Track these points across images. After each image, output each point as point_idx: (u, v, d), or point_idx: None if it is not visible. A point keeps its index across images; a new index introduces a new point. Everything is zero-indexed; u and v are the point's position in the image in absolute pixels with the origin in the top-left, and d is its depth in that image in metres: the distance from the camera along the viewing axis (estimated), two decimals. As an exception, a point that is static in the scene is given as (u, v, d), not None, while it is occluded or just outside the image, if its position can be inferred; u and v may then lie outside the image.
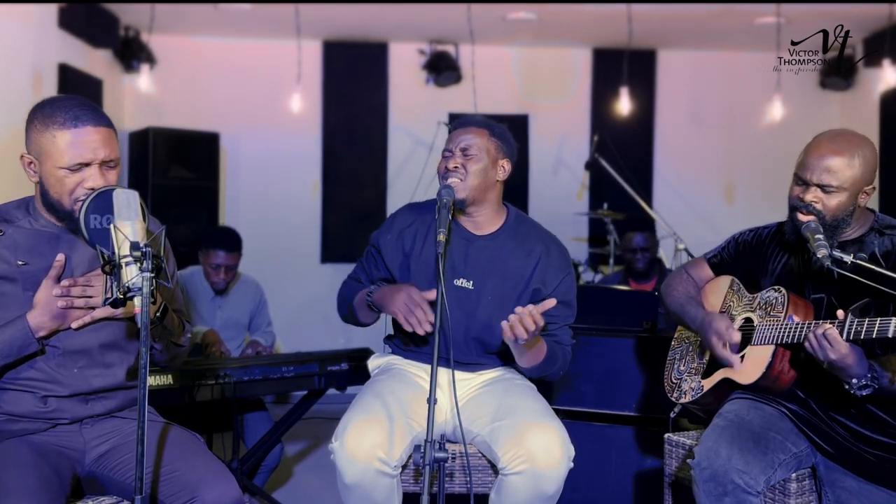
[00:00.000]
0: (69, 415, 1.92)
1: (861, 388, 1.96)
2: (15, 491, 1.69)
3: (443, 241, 2.03)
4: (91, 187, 1.82)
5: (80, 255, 1.92)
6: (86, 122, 1.83)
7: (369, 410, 2.12)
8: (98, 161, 1.83)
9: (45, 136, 1.83)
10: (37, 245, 1.90)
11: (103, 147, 1.84)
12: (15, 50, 4.19)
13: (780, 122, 5.41)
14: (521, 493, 2.05)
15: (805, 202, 2.10)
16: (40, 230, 1.92)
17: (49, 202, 1.88)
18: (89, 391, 1.94)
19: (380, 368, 2.46)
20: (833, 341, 1.93)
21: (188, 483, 1.82)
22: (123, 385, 2.00)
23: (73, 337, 1.90)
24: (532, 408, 2.18)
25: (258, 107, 5.80)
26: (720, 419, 2.18)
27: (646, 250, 4.29)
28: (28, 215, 1.94)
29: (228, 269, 3.75)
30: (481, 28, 5.39)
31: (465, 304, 2.28)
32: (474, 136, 2.31)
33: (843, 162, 2.06)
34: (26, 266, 1.87)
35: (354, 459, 2.01)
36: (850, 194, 2.08)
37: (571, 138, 5.98)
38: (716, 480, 2.04)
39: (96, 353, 1.94)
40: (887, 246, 2.11)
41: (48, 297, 1.83)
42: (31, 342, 1.83)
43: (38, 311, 1.83)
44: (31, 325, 1.82)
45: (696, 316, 2.34)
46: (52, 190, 1.85)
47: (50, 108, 1.85)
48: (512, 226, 2.37)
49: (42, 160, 1.85)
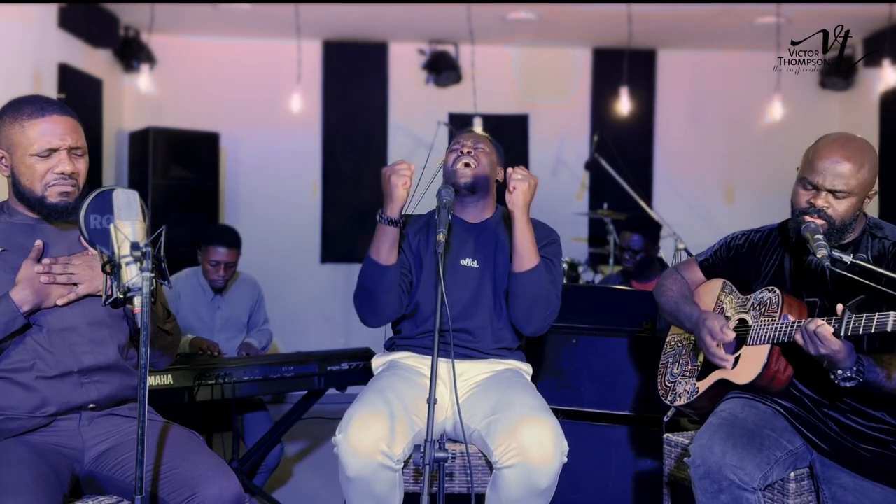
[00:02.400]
0: (63, 399, 1.92)
1: (845, 380, 1.98)
2: (13, 489, 1.69)
3: (443, 240, 2.05)
4: (61, 172, 1.91)
5: (58, 244, 1.98)
6: (52, 112, 1.93)
7: (373, 405, 2.13)
8: (66, 147, 1.93)
9: (14, 127, 1.92)
10: (13, 235, 1.97)
11: (70, 134, 1.94)
12: (15, 50, 4.20)
13: (779, 122, 5.41)
14: (514, 487, 2.06)
15: (816, 207, 2.10)
16: (16, 223, 1.98)
17: (20, 191, 1.95)
18: (80, 369, 1.94)
19: (383, 366, 2.48)
20: (823, 338, 1.94)
21: (188, 480, 1.83)
22: (118, 364, 2.00)
23: (58, 315, 1.93)
24: (527, 403, 2.19)
25: (258, 107, 5.81)
26: (714, 418, 2.19)
27: (637, 252, 4.22)
28: (2, 213, 2.01)
29: (227, 266, 3.72)
30: (481, 28, 5.40)
31: (471, 282, 2.41)
32: (482, 139, 2.54)
33: (854, 168, 2.07)
34: (5, 252, 1.93)
35: (357, 453, 2.03)
36: (859, 199, 2.10)
37: (571, 138, 5.99)
38: (710, 477, 2.05)
39: (84, 330, 1.96)
40: (879, 248, 2.13)
41: (30, 274, 1.90)
42: (16, 317, 1.87)
43: (20, 287, 1.89)
44: (15, 300, 1.87)
45: (690, 314, 2.35)
46: (24, 178, 1.93)
47: (17, 103, 1.96)
48: (501, 215, 2.55)
49: (13, 151, 1.93)
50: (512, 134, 5.87)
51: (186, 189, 5.26)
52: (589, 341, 3.15)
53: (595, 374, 3.13)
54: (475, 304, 2.40)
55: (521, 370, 2.46)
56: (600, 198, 5.50)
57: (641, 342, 3.10)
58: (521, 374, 2.44)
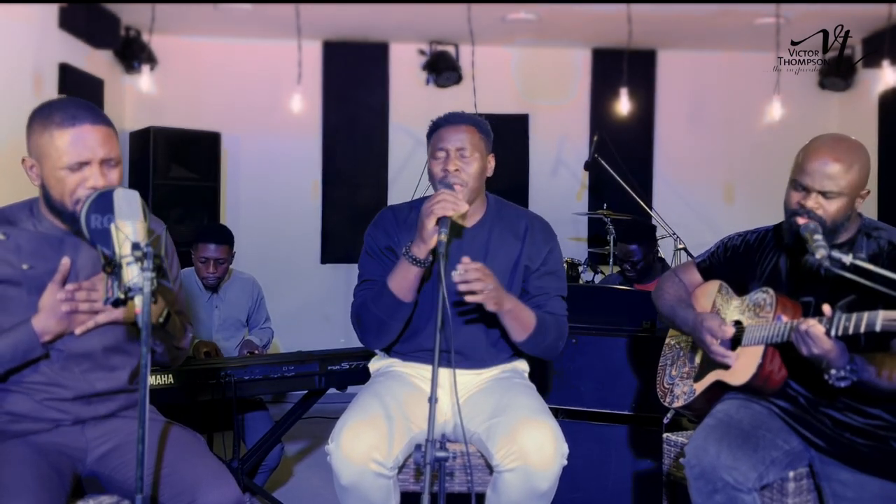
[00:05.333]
0: (72, 416, 1.93)
1: (839, 380, 1.99)
2: (15, 490, 1.69)
3: (444, 240, 2.04)
4: (92, 186, 1.81)
5: (85, 259, 1.92)
6: (83, 121, 1.82)
7: (366, 412, 2.12)
8: (97, 159, 1.83)
9: (44, 137, 1.82)
10: (41, 249, 1.89)
11: (102, 145, 1.83)
12: (16, 50, 4.20)
13: (779, 123, 5.41)
14: (514, 490, 2.06)
15: (806, 208, 2.11)
16: (44, 233, 1.91)
17: (52, 204, 1.87)
18: (92, 394, 1.94)
19: (380, 371, 2.47)
20: (815, 338, 1.95)
21: (188, 485, 1.83)
22: (126, 388, 2.01)
23: (76, 340, 1.90)
24: (527, 405, 2.19)
25: (259, 107, 5.81)
26: (710, 418, 2.20)
27: (637, 262, 4.25)
28: (32, 217, 1.93)
29: (218, 262, 3.70)
30: (481, 28, 5.40)
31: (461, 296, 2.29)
32: (466, 134, 2.29)
33: (843, 168, 2.08)
34: (31, 270, 1.87)
35: (350, 461, 2.02)
36: (850, 199, 2.11)
37: (571, 138, 5.99)
38: (705, 478, 2.06)
39: (100, 357, 1.94)
40: (874, 248, 2.14)
41: (53, 302, 1.83)
42: (35, 346, 1.84)
43: (42, 315, 1.83)
44: (37, 329, 1.83)
45: (687, 317, 2.36)
46: (54, 191, 1.85)
47: (48, 109, 1.85)
48: (494, 211, 2.40)
49: (42, 162, 1.84)
50: (512, 134, 5.88)
51: (187, 189, 5.26)
52: (589, 341, 3.16)
53: (595, 374, 3.14)
54: (467, 323, 2.31)
55: (519, 370, 2.46)
56: (600, 198, 5.50)
57: (641, 342, 3.11)
58: (520, 374, 2.44)
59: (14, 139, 1.96)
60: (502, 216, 2.39)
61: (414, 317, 2.33)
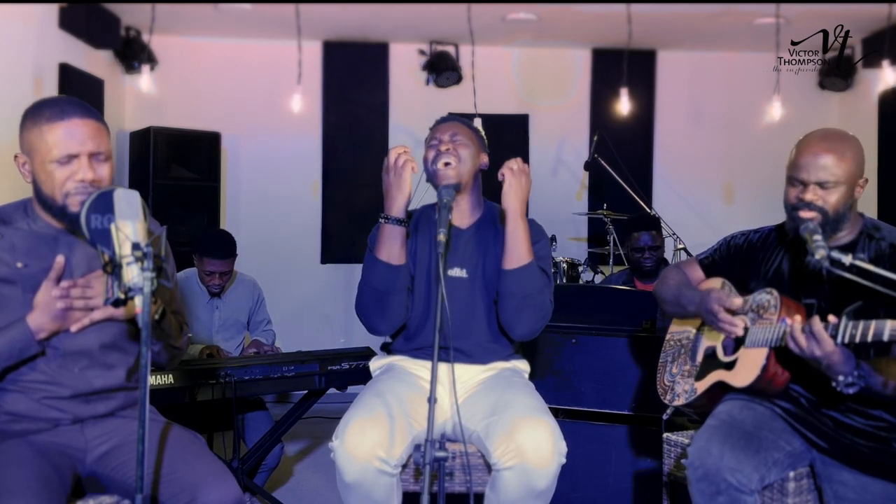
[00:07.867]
0: (70, 415, 1.93)
1: (847, 386, 1.97)
2: (16, 490, 1.69)
3: (443, 241, 2.03)
4: (81, 179, 1.83)
5: (79, 256, 1.93)
6: (72, 115, 1.84)
7: (370, 409, 2.13)
8: (86, 152, 1.84)
9: (34, 132, 1.84)
10: (35, 247, 1.90)
11: (90, 139, 1.84)
12: (16, 50, 4.20)
13: (779, 123, 5.41)
14: (512, 488, 2.06)
15: (806, 201, 2.11)
16: (39, 232, 1.92)
17: (43, 199, 1.89)
18: (90, 391, 1.94)
19: (381, 369, 2.47)
20: (818, 335, 1.94)
21: (188, 484, 1.83)
22: (124, 385, 2.00)
23: (73, 338, 1.90)
24: (525, 404, 2.19)
25: (259, 107, 5.81)
26: (712, 419, 2.20)
27: (654, 249, 4.14)
28: (26, 217, 1.94)
29: (223, 274, 3.73)
30: (481, 28, 5.40)
31: (462, 292, 2.35)
32: (459, 127, 2.42)
33: (836, 157, 2.10)
34: (26, 268, 1.88)
35: (354, 458, 2.02)
36: (848, 187, 2.12)
37: (571, 138, 5.99)
38: (708, 479, 2.05)
39: (97, 354, 1.94)
40: (875, 250, 2.14)
41: (48, 299, 1.83)
42: (31, 344, 1.84)
43: (37, 312, 1.84)
44: (32, 327, 1.83)
45: (693, 297, 2.36)
46: (44, 186, 1.86)
47: (39, 106, 1.88)
48: (490, 215, 2.47)
49: (33, 157, 1.86)
50: (512, 134, 5.88)
51: (187, 189, 5.26)
52: (589, 341, 3.16)
53: (595, 374, 3.14)
54: (467, 320, 2.35)
55: (518, 369, 2.46)
56: (600, 198, 5.50)
57: (641, 342, 3.11)
58: (519, 374, 2.44)
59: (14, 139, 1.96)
60: (497, 220, 2.44)
61: (413, 315, 2.37)
